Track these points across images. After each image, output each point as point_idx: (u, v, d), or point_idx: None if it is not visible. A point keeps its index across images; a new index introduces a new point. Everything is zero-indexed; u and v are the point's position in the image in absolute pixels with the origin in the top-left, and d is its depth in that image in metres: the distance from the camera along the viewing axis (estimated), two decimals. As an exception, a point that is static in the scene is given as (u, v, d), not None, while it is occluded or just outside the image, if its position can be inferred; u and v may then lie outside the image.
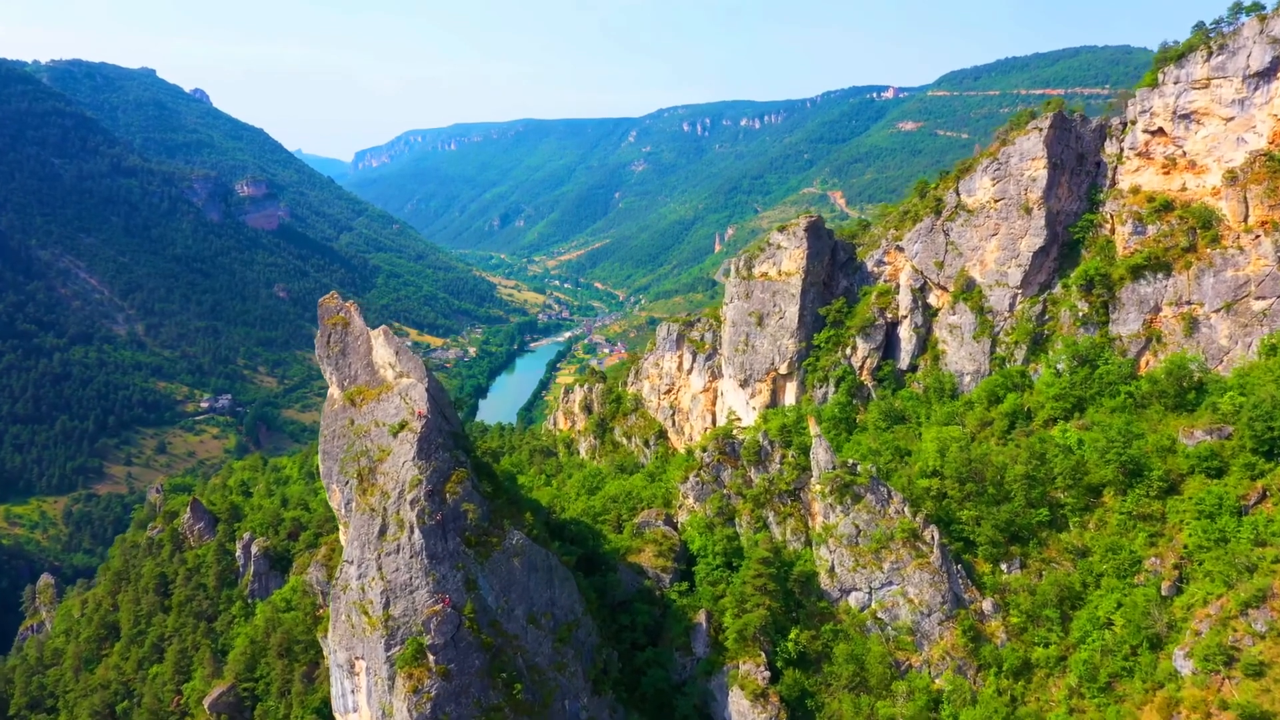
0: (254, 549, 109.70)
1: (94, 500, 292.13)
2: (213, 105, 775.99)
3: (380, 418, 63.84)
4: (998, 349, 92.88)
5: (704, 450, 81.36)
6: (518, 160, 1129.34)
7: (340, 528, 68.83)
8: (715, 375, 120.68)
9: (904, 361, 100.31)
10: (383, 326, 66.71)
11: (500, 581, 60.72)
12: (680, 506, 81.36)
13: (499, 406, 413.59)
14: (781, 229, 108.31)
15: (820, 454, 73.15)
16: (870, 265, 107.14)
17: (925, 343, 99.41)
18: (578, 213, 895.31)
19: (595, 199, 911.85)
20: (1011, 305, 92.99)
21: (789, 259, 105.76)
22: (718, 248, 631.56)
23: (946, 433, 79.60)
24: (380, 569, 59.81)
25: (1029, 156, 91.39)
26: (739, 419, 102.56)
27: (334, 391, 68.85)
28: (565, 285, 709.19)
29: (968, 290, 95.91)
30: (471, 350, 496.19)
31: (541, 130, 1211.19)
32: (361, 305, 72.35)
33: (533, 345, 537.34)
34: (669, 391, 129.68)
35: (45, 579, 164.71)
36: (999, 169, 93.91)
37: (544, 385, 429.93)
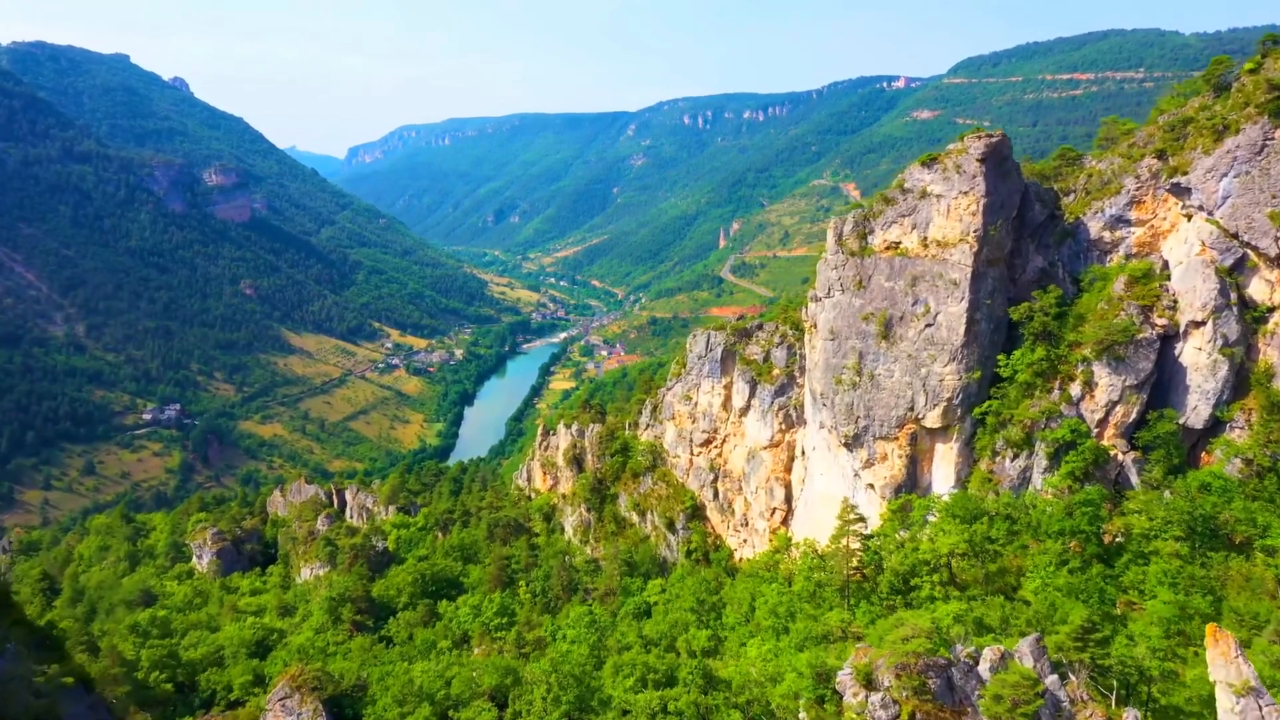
0: None
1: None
2: (192, 94, 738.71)
3: None
4: None
5: (865, 682, 31.06)
6: (513, 155, 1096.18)
7: None
8: (793, 422, 70.64)
9: (1196, 412, 50.63)
10: None
11: None
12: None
13: (487, 415, 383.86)
14: (928, 161, 58.40)
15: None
16: (1096, 228, 57.37)
17: (1243, 375, 50.12)
18: (575, 208, 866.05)
19: (593, 194, 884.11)
20: None
21: (946, 216, 56.36)
22: (722, 243, 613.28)
23: None
24: None
25: None
26: (861, 519, 52.94)
27: None
28: (561, 283, 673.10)
29: (1354, 270, 46.92)
30: (458, 352, 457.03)
31: (538, 124, 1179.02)
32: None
33: (525, 347, 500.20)
34: (708, 443, 79.14)
35: None
36: None
37: (536, 392, 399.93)
